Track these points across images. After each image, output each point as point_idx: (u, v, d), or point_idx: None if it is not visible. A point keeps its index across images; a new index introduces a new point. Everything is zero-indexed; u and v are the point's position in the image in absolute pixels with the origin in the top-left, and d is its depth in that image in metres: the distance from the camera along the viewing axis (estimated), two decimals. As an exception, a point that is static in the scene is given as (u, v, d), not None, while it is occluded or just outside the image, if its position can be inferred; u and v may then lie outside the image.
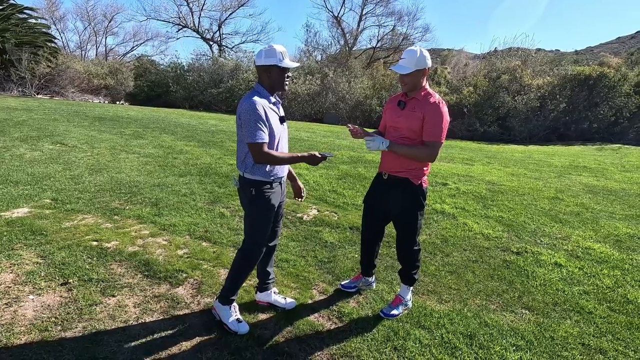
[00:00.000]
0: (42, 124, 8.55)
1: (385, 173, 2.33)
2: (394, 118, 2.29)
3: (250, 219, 2.14)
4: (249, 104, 1.92)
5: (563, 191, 5.91)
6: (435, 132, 2.15)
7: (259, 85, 2.04)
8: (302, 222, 3.96)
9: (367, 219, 2.53)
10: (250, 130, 1.90)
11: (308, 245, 3.44)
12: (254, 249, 2.17)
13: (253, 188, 2.05)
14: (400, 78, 2.21)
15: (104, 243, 3.12)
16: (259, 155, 1.94)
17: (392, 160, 2.27)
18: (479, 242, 3.70)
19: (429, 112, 2.15)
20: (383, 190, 2.38)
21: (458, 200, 5.03)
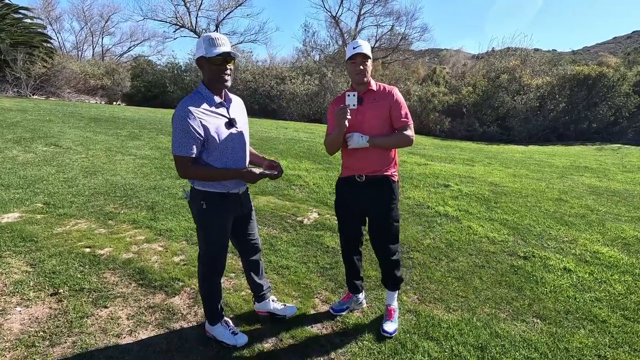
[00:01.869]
0: (37, 125, 8.40)
1: (360, 175, 2.13)
2: (355, 117, 2.06)
3: (202, 236, 1.92)
4: (179, 111, 1.68)
5: (567, 192, 5.82)
6: (407, 115, 2.13)
7: (202, 85, 1.81)
8: (302, 226, 3.85)
9: (346, 230, 2.31)
10: (176, 141, 1.69)
11: (309, 250, 3.33)
12: (210, 265, 1.96)
13: (204, 201, 1.83)
14: (361, 64, 2.02)
15: (97, 250, 3.00)
16: (182, 170, 1.73)
17: (367, 159, 2.09)
18: (484, 246, 3.60)
19: (393, 98, 2.10)
20: (358, 195, 2.16)
21: (461, 203, 4.93)
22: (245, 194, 2.04)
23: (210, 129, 1.74)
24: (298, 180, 5.53)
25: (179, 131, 1.69)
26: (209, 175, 1.79)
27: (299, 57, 27.25)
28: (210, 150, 1.78)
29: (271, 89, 18.29)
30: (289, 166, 6.39)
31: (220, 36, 1.74)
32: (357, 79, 2.07)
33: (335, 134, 2.04)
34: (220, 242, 1.95)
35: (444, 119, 15.80)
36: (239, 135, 1.88)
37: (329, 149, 2.16)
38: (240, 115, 1.94)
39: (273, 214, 4.15)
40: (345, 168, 2.22)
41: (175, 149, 1.71)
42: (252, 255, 2.17)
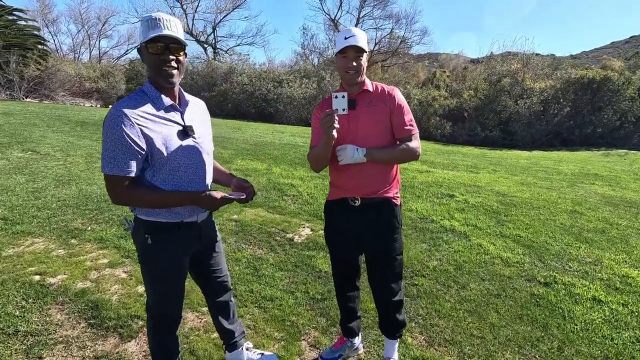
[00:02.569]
0: (18, 129, 7.97)
1: (354, 198, 1.71)
2: (347, 125, 1.64)
3: (148, 279, 1.49)
4: (111, 116, 1.26)
5: (580, 203, 5.40)
6: (412, 121, 1.72)
7: (147, 82, 1.38)
8: (292, 245, 3.42)
9: (340, 264, 1.90)
10: (107, 156, 1.27)
11: (298, 275, 2.89)
12: (161, 318, 1.55)
13: (149, 235, 1.41)
14: (354, 59, 1.59)
15: (48, 277, 2.56)
16: (116, 194, 1.32)
17: (363, 178, 1.68)
18: (498, 269, 3.17)
19: (394, 101, 1.68)
20: (354, 222, 1.74)
21: (468, 215, 4.51)
22: (208, 222, 1.61)
23: (156, 140, 1.32)
24: (291, 189, 5.10)
25: (110, 142, 1.27)
26: (153, 201, 1.36)
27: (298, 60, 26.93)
28: (157, 167, 1.36)
29: (268, 92, 17.90)
30: (282, 174, 5.96)
31: (166, 16, 1.30)
32: (349, 78, 1.63)
33: (321, 146, 1.60)
34: (172, 288, 1.51)
35: (445, 123, 15.41)
36: (196, 149, 1.44)
37: (313, 165, 1.73)
38: (200, 122, 1.52)
39: (260, 229, 3.72)
40: (336, 188, 1.78)
41: (106, 166, 1.29)
42: (219, 295, 1.73)
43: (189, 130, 1.41)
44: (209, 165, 1.53)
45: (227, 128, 11.96)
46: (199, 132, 1.47)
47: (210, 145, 1.56)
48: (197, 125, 1.48)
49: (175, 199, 1.37)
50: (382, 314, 1.85)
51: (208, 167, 1.52)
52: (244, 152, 7.66)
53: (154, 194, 1.35)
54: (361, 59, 1.62)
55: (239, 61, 21.64)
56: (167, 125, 1.37)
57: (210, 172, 1.55)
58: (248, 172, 5.94)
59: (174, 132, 1.37)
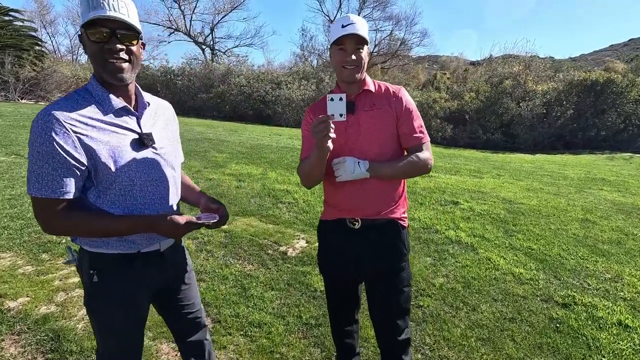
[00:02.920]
0: (5, 132, 7.69)
1: (354, 219, 1.44)
2: (344, 133, 1.37)
3: (96, 324, 1.21)
4: (35, 123, 0.98)
5: (591, 211, 5.13)
6: (423, 127, 1.45)
7: (93, 78, 1.10)
8: (285, 260, 3.14)
9: (336, 295, 1.62)
10: (34, 173, 1.00)
11: (291, 296, 2.61)
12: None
13: (95, 270, 1.13)
14: (353, 52, 1.32)
15: (7, 301, 2.28)
16: (47, 222, 1.04)
17: (365, 195, 1.40)
18: (510, 287, 2.89)
19: (402, 104, 1.41)
20: (352, 246, 1.46)
21: (474, 225, 4.23)
22: (175, 249, 1.32)
23: (101, 152, 1.04)
24: (286, 196, 4.82)
25: (36, 156, 0.99)
26: (97, 229, 1.06)
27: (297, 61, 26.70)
28: (104, 186, 1.07)
29: (266, 94, 17.64)
30: (278, 179, 5.69)
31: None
32: (347, 75, 1.35)
33: (313, 160, 1.31)
34: (128, 338, 1.23)
35: (445, 125, 15.17)
36: (156, 162, 1.16)
37: (304, 180, 1.45)
38: (164, 129, 1.24)
39: (252, 241, 3.44)
40: (331, 207, 1.50)
41: (32, 187, 1.01)
42: (191, 335, 1.45)
43: (146, 139, 1.13)
44: (173, 183, 1.24)
45: (223, 130, 11.69)
46: (161, 141, 1.19)
47: (176, 157, 1.28)
48: (159, 132, 1.20)
49: (126, 225, 1.08)
50: (384, 354, 1.57)
51: (172, 184, 1.23)
52: (239, 156, 7.38)
53: (98, 220, 1.07)
54: (361, 52, 1.35)
55: (237, 62, 21.38)
56: (116, 134, 1.08)
57: (176, 191, 1.27)
58: (242, 177, 5.67)
59: (126, 142, 1.09)
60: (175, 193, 1.25)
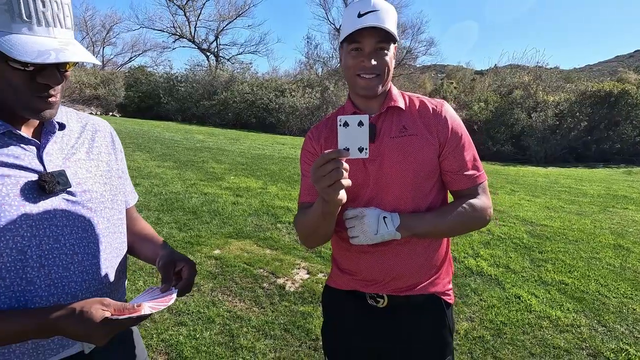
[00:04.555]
0: None
1: (378, 296, 1.02)
2: (363, 170, 0.96)
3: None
4: None
5: (622, 235, 4.65)
6: (478, 162, 1.03)
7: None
8: (283, 296, 2.71)
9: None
10: None
11: (288, 346, 2.17)
12: None
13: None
14: (371, 54, 0.92)
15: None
16: None
17: (396, 262, 0.98)
18: (548, 336, 2.43)
19: (447, 126, 0.98)
20: (375, 333, 1.03)
21: (496, 252, 3.78)
22: (116, 342, 0.82)
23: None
24: (287, 215, 4.40)
25: None
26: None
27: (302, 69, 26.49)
28: None
29: (270, 101, 17.35)
30: (279, 194, 5.28)
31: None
32: (364, 88, 0.95)
33: (316, 215, 0.88)
34: None
35: (453, 136, 14.76)
36: (73, 215, 0.75)
37: (305, 240, 1.03)
38: (89, 162, 0.82)
39: (245, 272, 3.02)
40: (344, 274, 1.07)
41: None
42: None
43: (49, 180, 0.71)
44: (109, 245, 0.82)
45: (224, 139, 11.35)
46: (84, 182, 0.78)
47: (115, 202, 0.85)
48: (82, 167, 0.79)
49: (12, 330, 0.65)
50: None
51: (107, 248, 0.81)
52: (238, 167, 6.99)
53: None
54: (386, 54, 0.93)
55: (241, 69, 21.17)
56: (11, 175, 0.68)
57: (114, 256, 0.84)
58: (240, 192, 5.26)
59: (12, 189, 0.68)
60: (109, 261, 0.82)
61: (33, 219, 0.69)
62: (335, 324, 1.12)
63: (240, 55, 29.23)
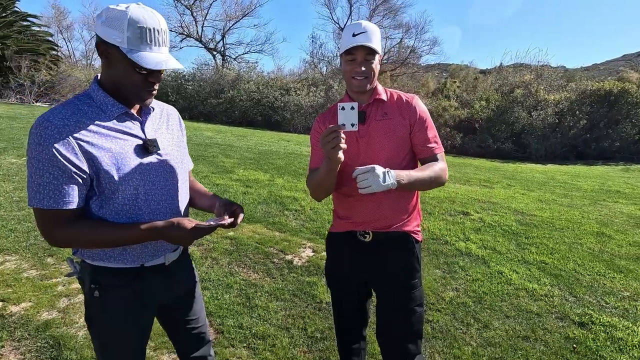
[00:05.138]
0: (18, 134, 7.81)
1: (365, 232, 1.38)
2: (355, 144, 1.33)
3: (96, 342, 1.15)
4: (34, 130, 0.95)
5: (607, 224, 4.97)
6: (437, 137, 1.41)
7: (95, 84, 1.05)
8: (291, 269, 3.08)
9: (344, 309, 1.54)
10: (33, 184, 0.96)
11: (296, 307, 2.55)
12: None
13: (96, 285, 1.08)
14: (363, 63, 1.29)
15: (10, 305, 2.26)
16: (49, 234, 0.99)
17: (379, 206, 1.35)
18: (524, 304, 2.78)
19: (415, 113, 1.36)
20: (363, 260, 1.41)
21: (485, 237, 4.12)
22: (181, 262, 1.26)
23: (103, 159, 1.00)
24: (293, 203, 4.78)
25: (36, 166, 0.94)
26: (104, 240, 1.02)
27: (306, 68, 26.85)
28: (107, 196, 1.03)
29: (275, 100, 17.73)
30: (285, 186, 5.65)
31: (160, 25, 0.99)
32: (357, 85, 1.32)
33: (323, 171, 1.26)
34: (127, 354, 1.17)
35: (455, 134, 15.03)
36: (162, 169, 1.12)
37: (314, 193, 1.39)
38: (169, 134, 1.19)
39: (257, 249, 3.39)
40: (342, 220, 1.44)
41: (33, 198, 0.96)
42: (195, 350, 1.39)
43: (150, 144, 1.08)
44: (182, 191, 1.19)
45: (232, 136, 11.74)
46: (167, 147, 1.15)
47: (183, 163, 1.23)
48: (164, 138, 1.16)
49: (133, 234, 1.03)
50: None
51: (181, 192, 1.19)
52: (247, 161, 7.38)
53: (103, 230, 1.02)
54: (372, 62, 1.31)
55: (247, 68, 21.56)
56: (119, 140, 1.04)
57: (184, 198, 1.22)
58: (249, 183, 5.64)
59: (129, 149, 1.05)
60: (182, 200, 1.20)
61: (141, 168, 1.06)
62: (336, 257, 1.49)
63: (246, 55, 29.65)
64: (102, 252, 1.07)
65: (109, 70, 1.02)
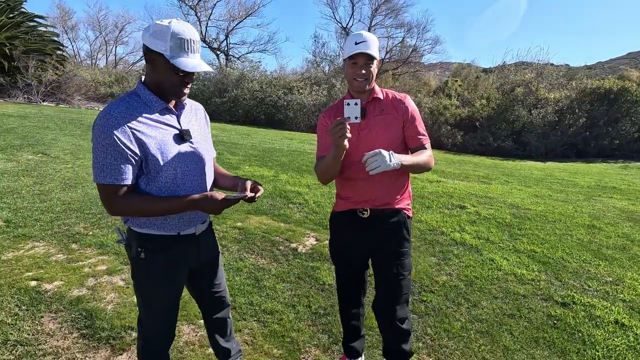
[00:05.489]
0: (31, 132, 8.09)
1: (363, 209, 1.63)
2: (357, 135, 1.58)
3: (141, 294, 1.41)
4: (101, 122, 1.18)
5: (598, 218, 5.17)
6: (424, 131, 1.68)
7: (141, 84, 1.30)
8: (296, 255, 3.31)
9: (345, 280, 1.81)
10: (98, 164, 1.20)
11: (301, 287, 2.78)
12: (151, 341, 1.46)
13: (142, 248, 1.33)
14: (364, 67, 1.54)
15: (44, 283, 2.51)
16: (111, 204, 1.23)
17: (375, 187, 1.59)
18: (512, 287, 3.00)
19: (407, 111, 1.62)
20: (361, 234, 1.66)
21: (480, 228, 4.34)
22: (207, 234, 1.51)
23: (150, 145, 1.24)
24: (297, 197, 5.01)
25: (101, 149, 1.19)
26: (154, 209, 1.27)
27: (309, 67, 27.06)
28: (152, 175, 1.27)
29: (278, 99, 17.98)
30: (289, 181, 5.89)
31: (195, 37, 1.23)
32: (358, 86, 1.57)
33: (331, 157, 1.49)
34: (167, 307, 1.42)
35: (456, 132, 15.21)
36: (194, 154, 1.36)
37: (322, 177, 1.63)
38: (198, 126, 1.43)
39: (264, 238, 3.63)
40: (343, 200, 1.68)
41: (98, 176, 1.21)
42: (217, 311, 1.63)
43: (185, 134, 1.33)
44: (209, 172, 1.44)
45: (236, 134, 11.99)
46: (196, 137, 1.39)
47: (209, 150, 1.47)
48: (195, 129, 1.40)
49: (176, 205, 1.28)
50: (386, 342, 1.72)
51: (208, 174, 1.43)
52: (252, 158, 7.62)
53: (153, 201, 1.27)
54: (371, 67, 1.55)
55: (251, 68, 21.82)
56: (161, 129, 1.28)
57: (210, 179, 1.47)
58: (255, 179, 5.84)
59: (169, 137, 1.29)
60: (209, 181, 1.45)
61: (178, 153, 1.30)
62: (338, 233, 1.73)
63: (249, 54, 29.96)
64: (147, 221, 1.31)
65: (153, 73, 1.26)
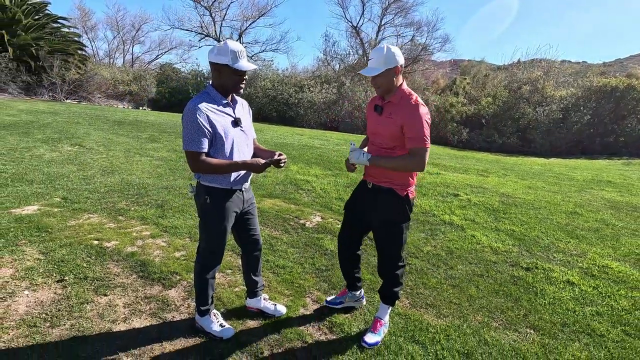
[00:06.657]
0: (65, 127, 8.88)
1: (369, 182, 2.20)
2: (374, 125, 2.14)
3: (204, 228, 2.04)
4: (190, 109, 1.80)
5: (582, 206, 5.62)
6: (418, 138, 1.95)
7: (210, 86, 1.93)
8: (304, 229, 3.91)
9: (346, 226, 2.37)
10: (187, 137, 1.81)
11: (307, 252, 3.37)
12: (208, 258, 2.08)
13: (208, 196, 1.96)
14: (372, 81, 2.05)
15: (104, 242, 3.16)
16: (195, 164, 1.85)
17: (375, 168, 2.12)
18: (486, 256, 3.54)
19: (407, 117, 1.97)
20: (366, 198, 2.21)
21: (468, 212, 4.86)
22: (249, 190, 2.16)
23: (218, 127, 1.86)
24: (306, 185, 5.60)
25: (189, 127, 1.81)
26: (220, 168, 1.88)
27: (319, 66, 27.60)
28: (217, 147, 1.90)
29: (290, 96, 18.60)
30: (299, 171, 6.48)
31: (243, 49, 1.89)
32: (377, 92, 2.12)
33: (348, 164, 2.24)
34: (221, 236, 2.04)
35: (462, 129, 15.58)
36: (243, 135, 2.01)
37: None
38: (245, 116, 2.08)
39: (277, 216, 4.24)
40: (364, 170, 2.28)
41: (187, 145, 1.83)
42: (253, 250, 2.26)
43: (238, 121, 1.97)
44: (251, 147, 2.11)
45: (249, 130, 12.62)
46: (244, 123, 2.03)
47: (251, 133, 2.11)
48: (244, 118, 2.04)
49: (236, 166, 1.91)
50: (382, 284, 2.30)
51: (251, 148, 2.10)
52: (264, 152, 8.22)
53: (220, 162, 1.89)
54: (377, 80, 2.03)
55: (263, 67, 22.49)
56: (224, 117, 1.92)
57: (251, 151, 2.11)
58: (268, 169, 6.48)
59: (229, 122, 1.93)
60: (251, 152, 2.10)
61: (235, 134, 1.94)
62: (355, 191, 2.33)
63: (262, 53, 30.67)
64: (213, 178, 1.95)
65: (220, 79, 1.89)
